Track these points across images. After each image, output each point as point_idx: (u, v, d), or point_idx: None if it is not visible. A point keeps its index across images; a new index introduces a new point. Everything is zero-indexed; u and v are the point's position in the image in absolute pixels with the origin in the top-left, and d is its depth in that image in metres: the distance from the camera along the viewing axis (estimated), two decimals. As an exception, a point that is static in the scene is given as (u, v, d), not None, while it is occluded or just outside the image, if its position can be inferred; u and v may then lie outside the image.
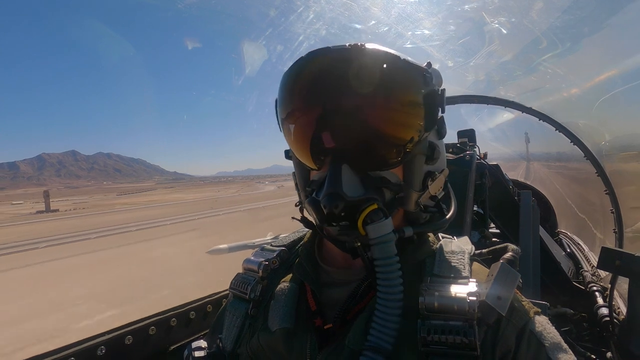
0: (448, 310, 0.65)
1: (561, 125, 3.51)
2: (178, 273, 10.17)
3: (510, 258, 0.78)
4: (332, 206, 0.67)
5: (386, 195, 0.73)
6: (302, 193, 0.83)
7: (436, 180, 0.81)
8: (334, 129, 0.71)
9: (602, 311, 2.16)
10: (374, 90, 0.69)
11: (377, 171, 0.73)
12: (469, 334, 0.62)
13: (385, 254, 0.67)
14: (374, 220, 0.67)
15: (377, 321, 0.66)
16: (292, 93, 0.78)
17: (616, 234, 3.39)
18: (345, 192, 0.67)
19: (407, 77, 0.72)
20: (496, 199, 2.54)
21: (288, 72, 0.77)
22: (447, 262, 0.76)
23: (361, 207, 0.68)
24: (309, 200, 0.74)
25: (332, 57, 0.73)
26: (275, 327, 0.79)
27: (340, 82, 0.70)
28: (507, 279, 0.69)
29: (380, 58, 0.71)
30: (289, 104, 0.78)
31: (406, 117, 0.73)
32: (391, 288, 0.67)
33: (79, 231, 24.41)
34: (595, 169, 3.45)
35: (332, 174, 0.69)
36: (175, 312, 1.51)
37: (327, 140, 0.71)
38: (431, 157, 0.79)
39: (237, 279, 0.94)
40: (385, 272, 0.67)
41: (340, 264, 0.85)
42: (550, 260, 2.66)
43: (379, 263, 0.68)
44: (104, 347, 1.24)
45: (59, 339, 6.48)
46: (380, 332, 0.66)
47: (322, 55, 0.74)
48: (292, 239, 1.02)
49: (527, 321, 0.69)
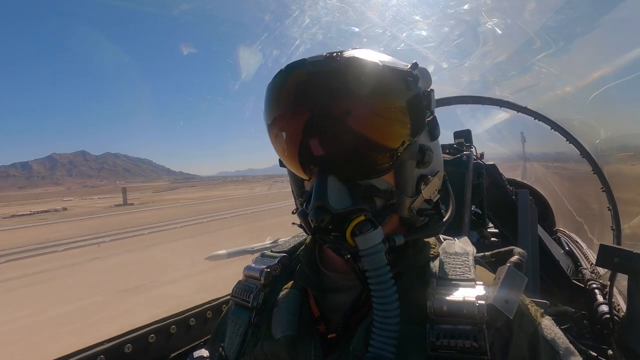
0: (457, 314, 0.65)
1: (556, 124, 3.53)
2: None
3: (517, 261, 0.77)
4: (319, 220, 0.67)
5: (377, 203, 0.73)
6: (297, 202, 0.84)
7: (430, 184, 0.79)
8: (317, 139, 0.71)
9: (602, 308, 2.16)
10: (354, 99, 0.68)
11: (365, 180, 0.73)
12: (478, 338, 0.62)
13: (375, 265, 0.66)
14: (362, 232, 0.66)
15: (376, 331, 0.66)
16: (271, 106, 0.77)
17: (614, 231, 3.40)
18: (331, 204, 0.66)
19: (388, 83, 0.70)
20: (494, 199, 2.55)
21: (268, 85, 0.77)
22: (452, 265, 0.75)
23: (349, 218, 0.67)
24: (299, 212, 0.75)
25: (309, 69, 0.71)
26: (279, 334, 0.78)
27: (319, 93, 0.70)
28: (514, 282, 0.69)
29: (357, 66, 0.69)
30: (269, 117, 0.78)
31: (389, 123, 0.71)
32: (386, 298, 0.66)
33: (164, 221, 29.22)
34: (591, 166, 3.47)
35: (318, 186, 0.68)
36: (174, 319, 1.50)
37: (313, 150, 0.71)
38: (422, 161, 0.76)
39: (238, 287, 0.93)
40: (377, 283, 0.66)
41: (341, 269, 0.84)
42: (549, 258, 2.66)
43: (370, 274, 0.67)
44: (103, 356, 1.23)
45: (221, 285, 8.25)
46: (380, 342, 0.65)
47: (299, 68, 0.72)
48: (293, 245, 1.01)
49: (536, 327, 0.69)
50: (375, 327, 0.66)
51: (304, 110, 0.72)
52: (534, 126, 3.74)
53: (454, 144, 2.57)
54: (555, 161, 5.09)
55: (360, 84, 0.68)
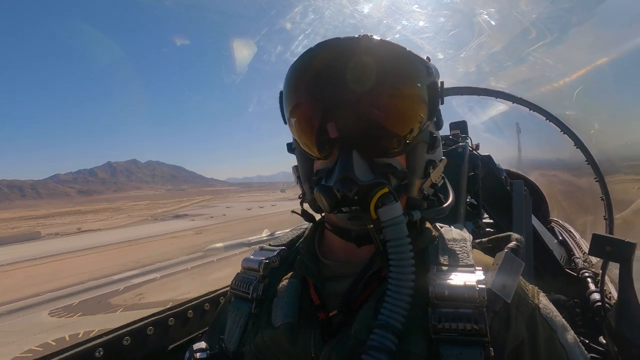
0: (458, 299, 0.66)
1: (551, 115, 3.54)
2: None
3: (514, 247, 0.80)
4: (347, 190, 0.69)
5: (392, 181, 0.76)
6: (307, 184, 0.84)
7: (437, 169, 0.84)
8: (343, 117, 0.73)
9: (594, 296, 2.20)
10: (384, 80, 0.72)
11: (382, 158, 0.76)
12: (479, 320, 0.64)
13: (397, 235, 0.69)
14: (385, 204, 0.69)
15: (389, 300, 0.67)
16: (301, 84, 0.79)
17: (606, 220, 3.44)
18: (357, 176, 0.69)
19: (414, 68, 0.76)
20: (489, 190, 2.57)
21: (297, 63, 0.79)
22: (451, 250, 0.78)
23: (373, 190, 0.69)
24: (318, 187, 0.74)
25: (342, 47, 0.75)
26: (279, 322, 0.79)
27: (351, 72, 0.72)
28: (512, 267, 0.71)
29: (389, 49, 0.74)
30: (298, 95, 0.80)
31: (413, 104, 0.76)
32: (404, 268, 0.68)
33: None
34: (585, 156, 3.49)
35: (344, 160, 0.71)
36: (173, 312, 1.51)
37: (336, 128, 0.72)
38: (432, 146, 0.82)
39: (237, 279, 0.94)
40: (398, 252, 0.69)
41: (340, 258, 0.85)
42: (542, 248, 2.70)
43: (392, 244, 0.69)
44: (101, 348, 1.23)
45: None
46: (391, 311, 0.66)
47: (332, 45, 0.76)
48: (291, 237, 1.02)
49: (533, 309, 0.72)
50: (388, 297, 0.68)
51: (337, 86, 0.73)
52: (529, 117, 3.75)
53: (449, 135, 2.57)
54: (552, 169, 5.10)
55: (393, 65, 0.74)
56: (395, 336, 0.65)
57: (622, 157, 3.78)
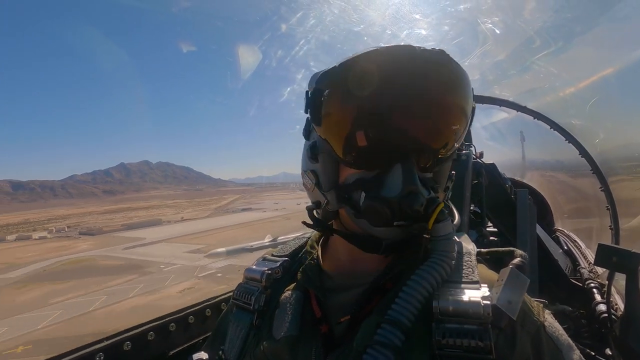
0: (463, 314, 0.65)
1: (555, 124, 3.53)
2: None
3: (519, 263, 0.77)
4: (416, 204, 0.68)
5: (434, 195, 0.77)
6: (332, 192, 0.79)
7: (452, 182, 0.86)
8: (411, 127, 0.72)
9: (600, 308, 2.16)
10: (455, 95, 0.73)
11: (428, 172, 0.77)
12: (484, 337, 0.62)
13: (449, 249, 0.71)
14: (440, 220, 0.70)
15: (402, 296, 0.67)
16: (368, 86, 0.71)
17: (612, 230, 3.40)
18: (420, 190, 0.69)
19: (469, 85, 0.77)
20: (493, 198, 2.55)
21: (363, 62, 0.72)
22: (457, 265, 0.75)
23: (432, 205, 0.70)
24: (373, 199, 0.70)
25: (416, 55, 0.71)
26: (280, 335, 0.78)
27: (429, 83, 0.71)
28: (517, 283, 0.69)
29: (458, 66, 0.74)
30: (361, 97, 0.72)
31: (464, 120, 0.76)
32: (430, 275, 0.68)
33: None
34: (590, 166, 3.47)
35: (407, 172, 0.69)
36: (174, 317, 1.50)
37: (399, 138, 0.72)
38: (456, 160, 0.84)
39: (239, 290, 0.93)
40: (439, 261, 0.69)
41: (345, 268, 0.84)
42: (547, 257, 2.67)
43: (442, 254, 0.70)
44: (102, 353, 1.23)
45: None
46: (402, 307, 0.66)
47: (407, 53, 0.72)
48: (294, 248, 1.01)
49: (539, 326, 0.71)
50: (402, 294, 0.68)
51: (410, 95, 0.71)
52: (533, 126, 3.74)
53: None
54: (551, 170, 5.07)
55: (462, 82, 0.74)
56: (402, 333, 0.64)
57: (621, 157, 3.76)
